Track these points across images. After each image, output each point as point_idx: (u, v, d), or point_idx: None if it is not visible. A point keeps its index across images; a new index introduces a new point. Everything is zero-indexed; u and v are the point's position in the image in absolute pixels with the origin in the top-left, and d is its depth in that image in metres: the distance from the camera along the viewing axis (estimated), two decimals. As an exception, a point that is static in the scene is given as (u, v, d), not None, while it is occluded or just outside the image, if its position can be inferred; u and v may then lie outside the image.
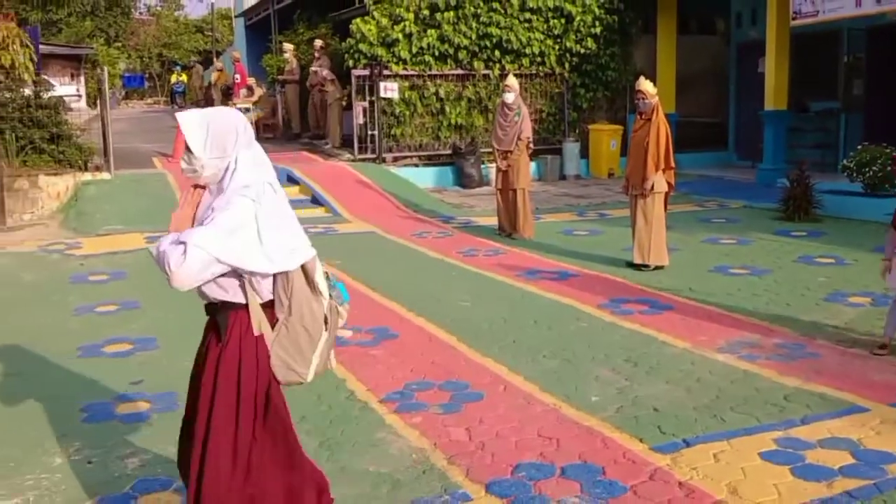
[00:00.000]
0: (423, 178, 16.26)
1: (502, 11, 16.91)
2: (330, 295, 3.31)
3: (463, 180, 16.27)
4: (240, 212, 3.05)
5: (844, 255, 9.53)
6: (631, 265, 9.10)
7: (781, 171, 13.90)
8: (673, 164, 8.99)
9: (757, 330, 6.82)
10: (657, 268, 8.98)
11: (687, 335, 6.70)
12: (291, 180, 15.00)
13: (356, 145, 16.63)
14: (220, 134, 3.12)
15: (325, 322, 3.26)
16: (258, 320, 3.18)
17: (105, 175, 14.66)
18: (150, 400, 5.48)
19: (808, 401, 5.29)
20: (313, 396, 5.50)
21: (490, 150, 13.00)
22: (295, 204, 13.34)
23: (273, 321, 3.22)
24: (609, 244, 10.40)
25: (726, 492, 4.14)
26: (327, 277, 3.33)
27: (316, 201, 13.95)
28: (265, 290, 3.20)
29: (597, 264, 9.38)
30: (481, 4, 16.78)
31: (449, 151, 16.66)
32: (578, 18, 17.42)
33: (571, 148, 17.36)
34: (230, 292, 3.17)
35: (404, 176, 15.80)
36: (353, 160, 16.50)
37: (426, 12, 16.57)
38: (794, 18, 14.12)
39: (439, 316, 7.38)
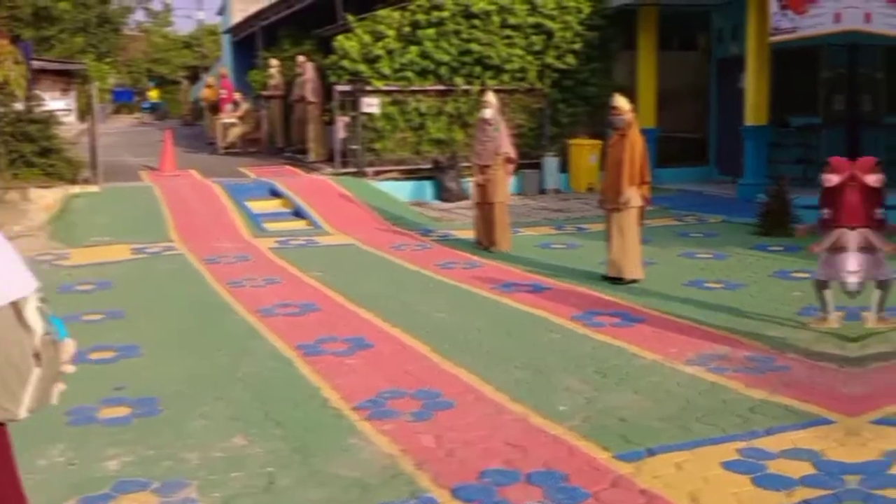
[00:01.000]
0: (404, 191, 16.31)
1: (483, 28, 17.03)
2: (47, 331, 3.15)
3: (443, 194, 16.33)
4: None
5: (818, 270, 9.61)
6: (606, 279, 9.18)
7: (762, 186, 13.99)
8: (648, 179, 9.08)
9: (727, 343, 6.88)
10: (632, 281, 9.05)
11: (657, 347, 6.77)
12: (274, 193, 15.06)
13: (338, 159, 16.74)
14: None
15: (39, 358, 3.08)
16: None
17: (93, 188, 14.73)
18: (132, 405, 5.58)
19: (773, 412, 5.36)
20: (289, 404, 5.59)
21: (470, 164, 13.11)
22: (277, 217, 13.77)
23: None
24: (586, 258, 10.48)
25: (687, 500, 4.20)
26: (42, 313, 3.17)
27: (298, 214, 13.98)
28: None
29: (572, 277, 9.45)
30: (462, 21, 16.89)
31: (429, 165, 16.73)
32: (559, 35, 17.55)
33: (551, 162, 17.45)
34: None
35: (385, 189, 15.88)
36: (334, 174, 16.57)
37: (408, 29, 16.69)
38: (772, 34, 14.21)
39: (415, 326, 7.45)
